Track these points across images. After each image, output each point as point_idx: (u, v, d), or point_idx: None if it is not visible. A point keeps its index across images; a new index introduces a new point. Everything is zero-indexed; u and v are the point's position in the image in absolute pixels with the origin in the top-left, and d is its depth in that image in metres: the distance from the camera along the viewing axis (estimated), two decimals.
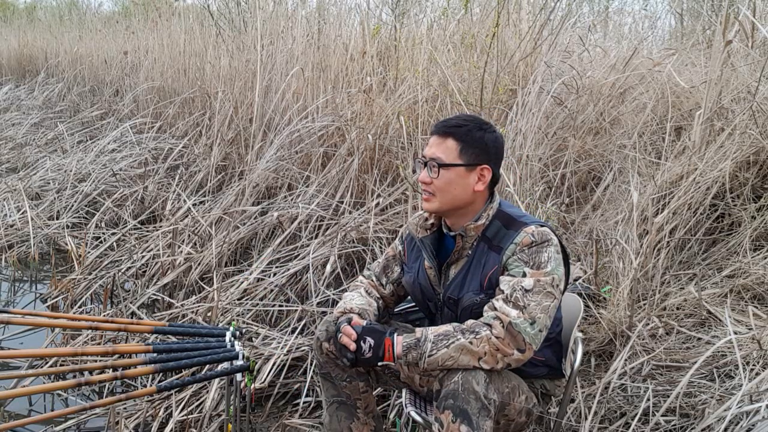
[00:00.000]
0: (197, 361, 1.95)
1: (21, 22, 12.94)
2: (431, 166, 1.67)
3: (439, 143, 1.68)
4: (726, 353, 2.27)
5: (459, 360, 1.53)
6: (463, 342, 1.52)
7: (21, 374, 2.47)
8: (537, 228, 1.63)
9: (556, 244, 1.64)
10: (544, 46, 3.70)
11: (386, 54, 4.41)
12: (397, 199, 3.51)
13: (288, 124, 4.14)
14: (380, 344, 1.58)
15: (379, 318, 1.89)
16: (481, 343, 1.52)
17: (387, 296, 1.91)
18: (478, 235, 1.69)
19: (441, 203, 1.69)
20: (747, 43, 3.41)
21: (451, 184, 1.67)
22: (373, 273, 1.93)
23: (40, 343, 3.07)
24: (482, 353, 1.52)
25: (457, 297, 1.68)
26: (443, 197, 1.68)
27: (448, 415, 1.47)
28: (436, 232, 1.79)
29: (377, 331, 1.60)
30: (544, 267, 1.59)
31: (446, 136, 1.68)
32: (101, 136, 6.08)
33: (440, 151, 1.67)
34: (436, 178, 1.67)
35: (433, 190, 1.68)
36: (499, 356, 1.52)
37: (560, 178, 3.38)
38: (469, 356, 1.52)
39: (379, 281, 1.91)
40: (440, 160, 1.67)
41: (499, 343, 1.52)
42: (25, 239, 4.29)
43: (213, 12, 5.62)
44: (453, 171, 1.66)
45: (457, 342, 1.53)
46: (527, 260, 1.60)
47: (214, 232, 3.73)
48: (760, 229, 2.86)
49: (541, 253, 1.60)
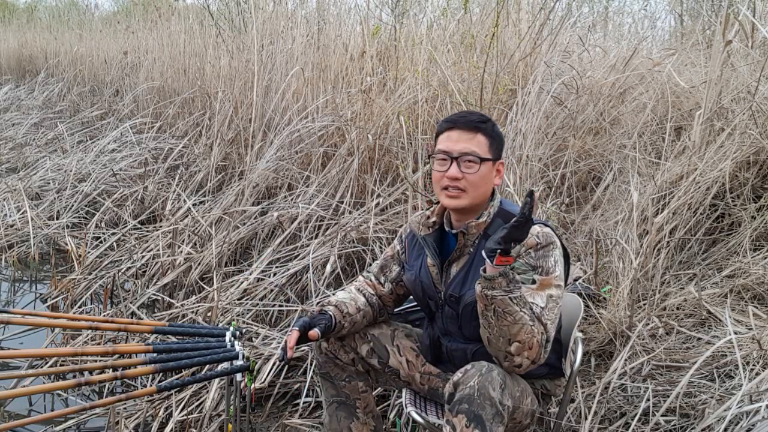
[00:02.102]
0: (197, 361, 1.95)
1: (21, 22, 12.93)
2: (467, 161, 1.63)
3: (470, 138, 1.65)
4: (726, 353, 2.27)
5: (511, 329, 1.49)
6: (527, 322, 1.50)
7: (21, 374, 2.47)
8: (542, 228, 1.61)
9: (560, 246, 1.63)
10: (543, 46, 3.70)
11: (386, 54, 4.41)
12: (397, 199, 3.50)
13: (288, 124, 4.14)
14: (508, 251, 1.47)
15: (375, 315, 1.88)
16: (531, 336, 1.51)
17: (385, 295, 1.90)
18: (479, 233, 1.68)
19: (472, 199, 1.66)
20: (747, 43, 3.41)
21: (484, 179, 1.65)
22: (372, 273, 1.93)
23: (40, 343, 3.07)
24: (522, 341, 1.50)
25: (459, 294, 1.67)
26: (475, 193, 1.66)
27: (461, 419, 1.44)
28: (438, 230, 1.78)
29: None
30: (552, 272, 1.58)
31: (476, 131, 1.65)
32: (101, 136, 6.08)
33: (474, 145, 1.64)
34: (474, 173, 1.63)
35: (464, 186, 1.64)
36: (525, 354, 1.52)
37: (560, 178, 3.37)
38: (515, 333, 1.50)
39: (378, 280, 1.90)
40: (477, 154, 1.64)
41: (536, 344, 1.52)
42: (25, 239, 4.29)
43: (213, 12, 5.63)
44: (485, 166, 1.65)
45: (525, 318, 1.50)
46: (535, 264, 1.58)
47: (214, 232, 3.73)
48: (760, 229, 2.86)
49: (547, 257, 1.59)
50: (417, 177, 3.30)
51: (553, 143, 3.52)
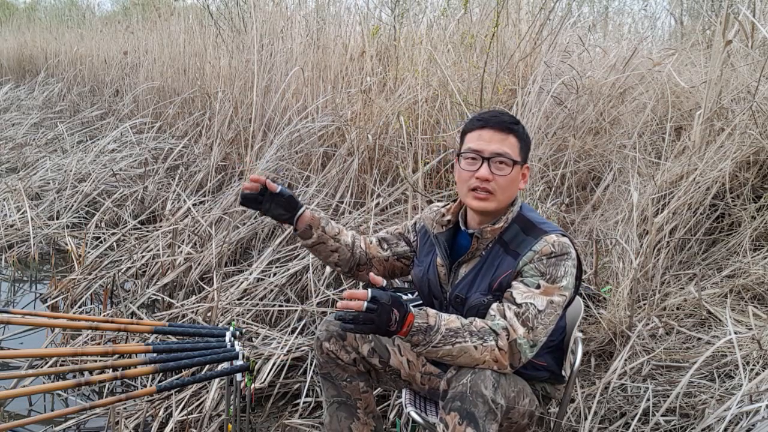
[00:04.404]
0: (197, 361, 1.95)
1: (21, 22, 12.93)
2: (498, 162, 1.60)
3: (502, 139, 1.61)
4: (726, 353, 2.27)
5: (457, 360, 1.51)
6: (469, 346, 1.49)
7: (21, 374, 2.47)
8: (559, 238, 1.59)
9: (574, 258, 1.60)
10: (543, 46, 3.70)
11: (386, 54, 4.41)
12: (397, 199, 3.50)
13: (288, 124, 4.14)
14: (404, 316, 1.47)
15: (349, 262, 1.83)
16: (485, 351, 1.50)
17: (380, 259, 1.85)
18: (494, 238, 1.65)
19: (500, 201, 1.63)
20: (747, 43, 3.41)
21: (513, 182, 1.63)
22: (375, 237, 1.89)
23: (40, 343, 3.07)
24: (481, 362, 1.50)
25: (465, 296, 1.65)
26: (503, 195, 1.63)
27: (454, 417, 1.45)
28: (451, 229, 1.75)
29: (401, 303, 1.48)
30: (559, 281, 1.56)
31: (509, 132, 1.62)
32: (101, 136, 6.08)
33: (507, 147, 1.61)
34: (505, 175, 1.60)
35: (493, 188, 1.60)
36: (495, 366, 1.51)
37: (560, 178, 3.37)
38: (468, 360, 1.50)
39: (380, 245, 1.86)
40: (510, 156, 1.61)
41: (499, 356, 1.50)
42: (25, 239, 4.29)
43: (212, 12, 5.63)
44: (516, 169, 1.62)
45: (463, 344, 1.49)
46: (544, 271, 1.56)
47: (214, 232, 3.73)
48: (760, 229, 2.86)
49: (558, 266, 1.57)
50: (417, 177, 3.30)
51: (553, 143, 3.52)
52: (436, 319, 1.51)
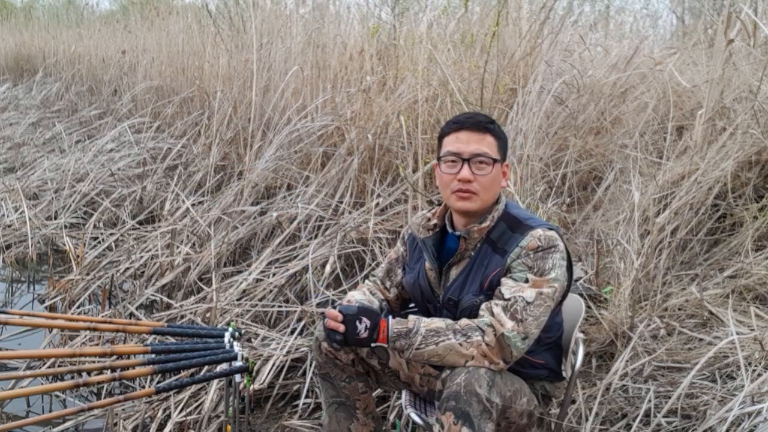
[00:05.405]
0: (196, 362, 1.93)
1: (18, 21, 12.91)
2: (478, 162, 1.62)
3: (480, 139, 1.63)
4: (728, 354, 2.26)
5: (445, 359, 1.52)
6: (453, 343, 1.51)
7: (19, 375, 2.45)
8: (544, 232, 1.60)
9: (562, 250, 1.61)
10: (544, 45, 3.69)
11: (386, 53, 4.40)
12: (397, 199, 3.49)
13: (287, 123, 4.13)
14: (375, 325, 1.56)
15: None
16: (471, 347, 1.50)
17: (392, 300, 1.89)
18: (482, 237, 1.66)
19: (483, 201, 1.65)
20: (749, 42, 3.40)
21: (495, 181, 1.64)
22: (378, 277, 1.92)
23: (38, 343, 3.05)
24: (470, 357, 1.50)
25: (457, 298, 1.66)
26: (486, 195, 1.64)
27: (449, 416, 1.45)
28: (438, 233, 1.76)
29: (373, 312, 1.58)
30: (547, 274, 1.57)
31: (485, 132, 1.64)
32: (99, 136, 6.07)
33: (485, 146, 1.63)
34: (486, 174, 1.62)
35: (476, 189, 1.62)
36: (486, 362, 1.51)
37: (561, 178, 3.36)
38: (456, 357, 1.51)
39: (384, 285, 1.90)
40: (489, 155, 1.62)
41: (488, 351, 1.51)
42: (23, 239, 4.27)
43: (211, 11, 5.61)
44: (496, 168, 1.64)
45: (447, 342, 1.51)
46: (531, 265, 1.57)
47: (213, 232, 3.72)
48: (762, 229, 2.85)
49: (546, 259, 1.58)
50: (417, 177, 3.29)
51: (554, 143, 3.51)
52: (416, 322, 1.56)
